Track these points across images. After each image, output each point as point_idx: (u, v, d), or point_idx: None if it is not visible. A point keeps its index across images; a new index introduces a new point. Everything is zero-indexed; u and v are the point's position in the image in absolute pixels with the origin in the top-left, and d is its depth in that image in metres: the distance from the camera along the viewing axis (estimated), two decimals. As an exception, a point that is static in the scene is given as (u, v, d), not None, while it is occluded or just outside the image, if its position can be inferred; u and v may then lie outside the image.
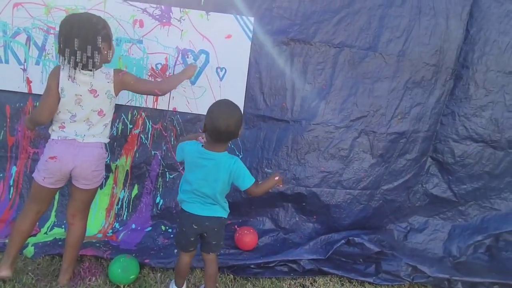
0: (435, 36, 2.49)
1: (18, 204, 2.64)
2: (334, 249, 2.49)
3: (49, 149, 2.00)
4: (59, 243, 2.42)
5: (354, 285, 2.41)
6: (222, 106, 1.84)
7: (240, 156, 2.59)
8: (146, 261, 2.31)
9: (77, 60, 1.88)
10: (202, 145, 1.89)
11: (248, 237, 2.50)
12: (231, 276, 2.33)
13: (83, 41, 1.87)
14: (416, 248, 2.78)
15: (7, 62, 2.51)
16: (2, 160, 2.66)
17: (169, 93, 2.49)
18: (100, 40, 1.90)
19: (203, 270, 2.23)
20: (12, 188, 2.66)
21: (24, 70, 2.52)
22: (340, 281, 2.42)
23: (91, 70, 1.94)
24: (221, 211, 1.94)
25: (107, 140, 2.11)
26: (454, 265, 2.66)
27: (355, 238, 2.53)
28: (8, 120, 2.60)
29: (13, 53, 2.50)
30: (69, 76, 1.93)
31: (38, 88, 2.54)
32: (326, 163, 2.55)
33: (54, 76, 1.96)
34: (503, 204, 2.73)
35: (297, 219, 2.71)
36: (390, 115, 2.54)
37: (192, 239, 1.94)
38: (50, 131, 2.03)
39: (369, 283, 2.42)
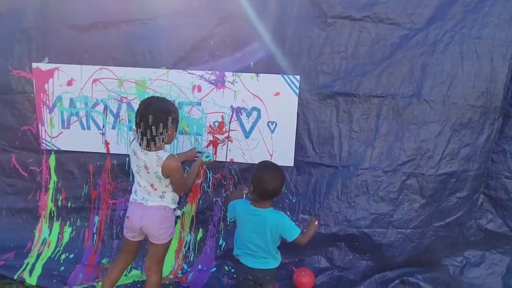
0: (480, 78, 2.53)
1: (101, 249, 3.04)
2: (389, 289, 2.60)
3: (127, 209, 2.36)
4: (138, 285, 2.76)
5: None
6: (269, 170, 2.11)
7: (293, 201, 2.79)
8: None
9: (151, 132, 2.10)
10: (250, 202, 2.14)
11: (305, 278, 2.68)
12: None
13: (156, 118, 2.11)
14: (473, 283, 2.80)
15: (88, 128, 2.93)
16: (86, 211, 3.07)
17: (226, 147, 2.80)
18: (170, 120, 2.15)
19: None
20: (95, 235, 3.06)
21: (103, 134, 2.93)
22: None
23: (149, 150, 2.14)
24: (273, 262, 2.19)
25: (172, 206, 2.31)
26: (515, 301, 2.66)
27: (410, 278, 2.62)
28: (91, 176, 3.02)
29: (93, 121, 2.92)
30: (132, 149, 2.25)
31: (115, 148, 2.93)
32: (376, 205, 2.68)
33: (130, 146, 2.32)
34: None
35: (350, 257, 2.84)
36: (438, 158, 2.61)
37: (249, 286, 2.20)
38: None
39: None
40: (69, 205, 3.06)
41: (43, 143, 2.99)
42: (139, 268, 2.94)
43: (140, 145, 2.16)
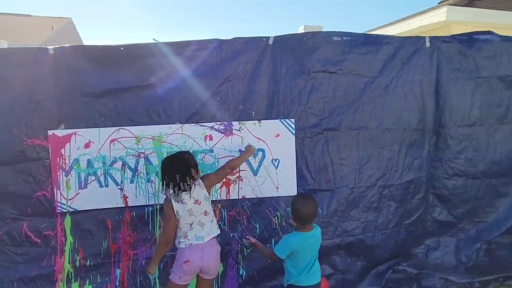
0: (417, 110, 3.49)
1: (126, 302, 3.13)
2: (385, 279, 3.28)
3: (181, 256, 2.61)
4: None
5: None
6: (307, 200, 2.62)
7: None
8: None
9: (181, 189, 2.55)
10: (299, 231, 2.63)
11: (322, 283, 3.19)
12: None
13: (183, 175, 2.56)
14: (436, 263, 3.64)
15: (106, 186, 3.10)
16: (106, 266, 3.15)
17: (238, 186, 3.23)
18: (193, 170, 2.62)
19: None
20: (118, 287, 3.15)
21: (121, 189, 3.12)
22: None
23: (190, 188, 2.59)
24: None
25: (218, 231, 2.74)
26: (467, 269, 3.55)
27: (398, 267, 3.35)
28: (110, 231, 3.13)
29: (111, 178, 3.10)
30: (178, 201, 2.58)
31: (133, 201, 3.14)
32: (365, 215, 3.38)
33: (168, 206, 2.59)
34: (489, 217, 3.70)
35: (349, 261, 3.46)
36: (400, 170, 3.46)
37: None
38: (177, 244, 2.64)
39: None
40: (88, 263, 3.11)
41: (58, 206, 3.03)
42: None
43: (182, 192, 2.55)
